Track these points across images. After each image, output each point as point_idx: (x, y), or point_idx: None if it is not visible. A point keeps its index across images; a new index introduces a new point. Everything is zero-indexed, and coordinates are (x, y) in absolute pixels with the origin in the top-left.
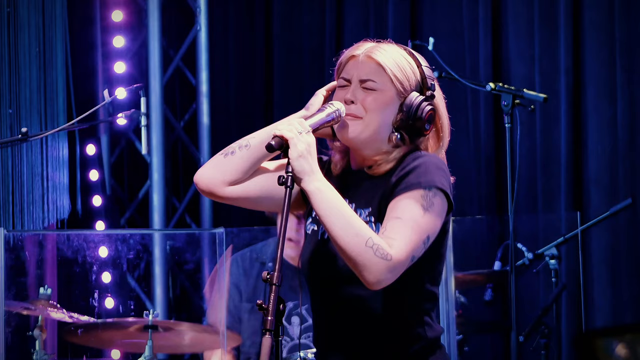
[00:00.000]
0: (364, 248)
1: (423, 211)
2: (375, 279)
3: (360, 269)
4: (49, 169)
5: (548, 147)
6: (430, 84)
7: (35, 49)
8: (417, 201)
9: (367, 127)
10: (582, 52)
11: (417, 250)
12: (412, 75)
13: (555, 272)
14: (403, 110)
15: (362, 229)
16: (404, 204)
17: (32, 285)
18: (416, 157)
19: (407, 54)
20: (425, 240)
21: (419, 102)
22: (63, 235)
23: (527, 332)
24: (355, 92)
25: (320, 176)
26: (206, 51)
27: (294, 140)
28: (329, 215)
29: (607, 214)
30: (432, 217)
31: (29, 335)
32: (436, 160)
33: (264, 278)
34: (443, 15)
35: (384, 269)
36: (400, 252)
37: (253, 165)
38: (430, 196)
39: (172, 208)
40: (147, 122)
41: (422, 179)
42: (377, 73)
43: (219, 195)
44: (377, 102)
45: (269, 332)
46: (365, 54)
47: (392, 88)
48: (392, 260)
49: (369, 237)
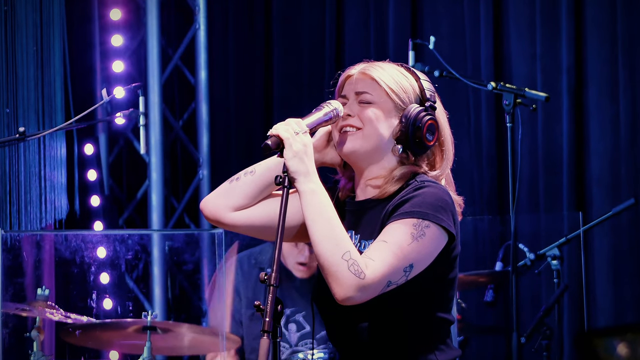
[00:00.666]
0: (339, 260)
1: (411, 239)
2: (343, 293)
3: (330, 280)
4: (47, 169)
5: (550, 147)
6: (429, 95)
7: (32, 47)
8: (408, 229)
9: (367, 139)
10: (584, 51)
11: (395, 276)
12: (409, 88)
13: (557, 272)
14: (402, 121)
15: (343, 240)
16: (392, 229)
17: (30, 286)
18: (418, 187)
19: (404, 70)
20: (407, 268)
21: (417, 112)
22: (61, 236)
23: (529, 333)
24: (352, 106)
25: (316, 178)
26: (205, 50)
27: (289, 141)
28: (314, 219)
29: (610, 214)
30: (420, 247)
31: (27, 337)
32: (437, 191)
33: (262, 279)
34: (444, 14)
35: (354, 285)
36: (375, 273)
37: (258, 191)
38: (422, 226)
39: (171, 208)
40: (145, 122)
41: (416, 209)
42: (372, 87)
43: (224, 221)
44: (374, 114)
45: (266, 334)
46: (360, 71)
47: (389, 101)
48: (364, 280)
49: (347, 251)
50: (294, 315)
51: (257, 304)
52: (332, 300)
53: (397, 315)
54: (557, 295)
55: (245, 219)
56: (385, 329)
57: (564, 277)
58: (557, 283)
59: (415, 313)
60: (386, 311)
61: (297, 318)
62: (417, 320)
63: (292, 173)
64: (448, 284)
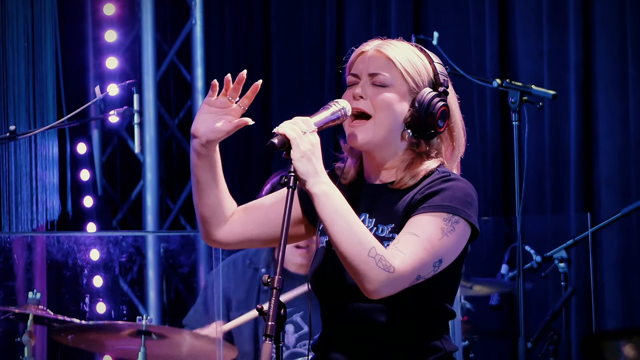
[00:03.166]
0: (366, 258)
1: (441, 234)
2: (374, 288)
3: (360, 278)
4: (38, 169)
5: (557, 146)
6: (443, 80)
7: (23, 43)
8: (438, 223)
9: (378, 128)
10: (592, 47)
11: (424, 271)
12: (424, 71)
13: (564, 275)
14: (415, 106)
15: (365, 237)
16: (423, 222)
17: (21, 289)
18: (445, 179)
19: (418, 50)
20: (437, 263)
21: (431, 97)
22: (53, 238)
23: (535, 338)
24: (364, 87)
25: (326, 178)
26: (202, 46)
27: (296, 141)
28: (333, 220)
29: (619, 215)
30: (450, 243)
31: (18, 342)
32: (465, 186)
33: (265, 282)
34: (448, 9)
35: (385, 280)
36: (404, 266)
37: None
38: (452, 222)
39: (166, 209)
40: (140, 120)
41: (448, 203)
42: (388, 67)
43: (219, 239)
44: (388, 99)
45: (269, 338)
46: (374, 48)
47: (404, 83)
48: (395, 273)
49: (372, 247)
50: (292, 315)
51: (259, 308)
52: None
53: (410, 303)
54: (564, 299)
55: (239, 233)
56: (396, 313)
57: (571, 280)
58: (564, 286)
59: (427, 302)
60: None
61: (295, 318)
62: (428, 309)
63: (301, 175)
64: (458, 278)
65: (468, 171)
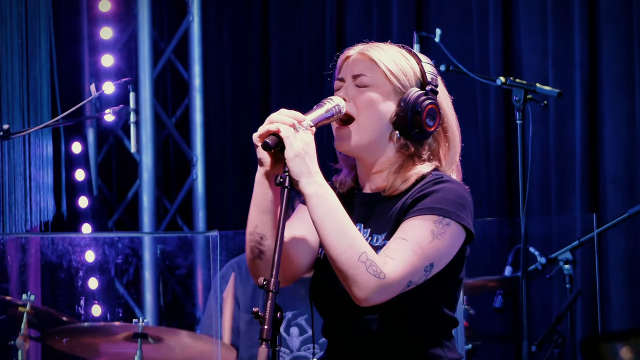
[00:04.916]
0: (356, 262)
1: (432, 237)
2: (364, 295)
3: (349, 283)
4: (32, 168)
5: (562, 145)
6: (431, 79)
7: (17, 40)
8: (428, 226)
9: (363, 130)
10: (597, 45)
11: (416, 276)
12: (410, 71)
13: (569, 277)
14: (401, 105)
15: (357, 241)
16: (413, 226)
17: (15, 291)
18: (437, 181)
19: (404, 51)
20: (428, 267)
21: (417, 96)
22: (47, 239)
23: (540, 341)
24: (347, 89)
25: (320, 178)
26: (199, 43)
27: (289, 139)
28: (324, 222)
29: (625, 216)
30: (441, 246)
31: (11, 345)
32: (457, 187)
33: (260, 284)
34: (450, 5)
35: (375, 286)
36: (395, 272)
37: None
38: (443, 224)
39: (163, 210)
40: (136, 119)
41: (437, 205)
42: (370, 68)
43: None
44: (370, 98)
45: (265, 342)
46: (358, 51)
47: (387, 83)
48: (385, 280)
49: (364, 252)
50: (296, 318)
51: (255, 311)
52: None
53: (407, 310)
54: (569, 301)
55: (297, 268)
56: (394, 322)
57: (576, 282)
58: (569, 288)
59: (424, 309)
60: (396, 306)
61: (299, 321)
62: (426, 316)
63: (295, 174)
64: (457, 284)
65: (471, 171)
